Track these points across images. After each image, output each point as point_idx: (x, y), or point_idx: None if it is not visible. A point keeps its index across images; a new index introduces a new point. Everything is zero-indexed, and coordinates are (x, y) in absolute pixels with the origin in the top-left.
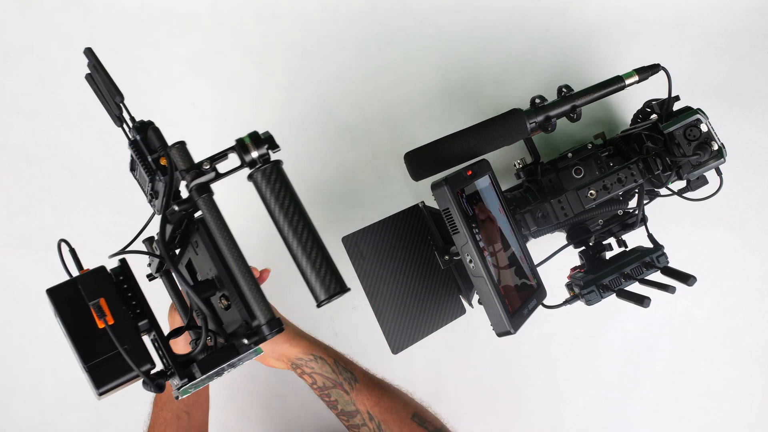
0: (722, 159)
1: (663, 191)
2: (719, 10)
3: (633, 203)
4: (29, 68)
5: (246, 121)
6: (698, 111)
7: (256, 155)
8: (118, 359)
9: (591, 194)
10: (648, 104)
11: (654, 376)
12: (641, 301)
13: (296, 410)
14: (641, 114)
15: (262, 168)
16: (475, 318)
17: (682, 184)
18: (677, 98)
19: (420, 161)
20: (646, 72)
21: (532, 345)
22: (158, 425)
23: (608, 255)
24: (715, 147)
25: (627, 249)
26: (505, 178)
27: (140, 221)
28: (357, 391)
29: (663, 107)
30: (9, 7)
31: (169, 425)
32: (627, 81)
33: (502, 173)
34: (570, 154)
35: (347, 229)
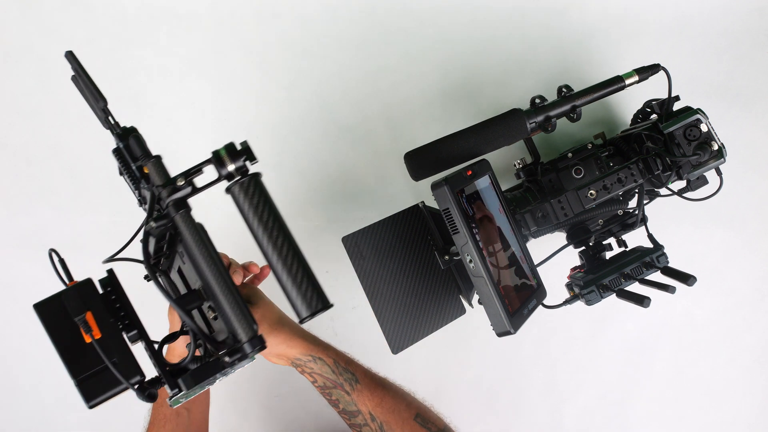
0: (722, 159)
1: (663, 191)
2: (719, 10)
3: (633, 203)
4: (29, 68)
5: (246, 121)
6: (698, 111)
7: (233, 168)
8: (107, 372)
9: (591, 194)
10: (648, 104)
11: (654, 376)
12: (641, 301)
13: (296, 410)
14: (641, 114)
15: (240, 181)
16: (475, 318)
17: (682, 184)
18: (677, 98)
19: (420, 161)
20: (646, 72)
21: (532, 345)
22: (158, 422)
23: (608, 255)
24: (715, 147)
25: (627, 249)
26: (505, 178)
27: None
28: (358, 392)
29: (663, 107)
30: (9, 7)
31: (169, 422)
32: (627, 81)
33: (502, 173)
34: (570, 154)
35: (347, 229)
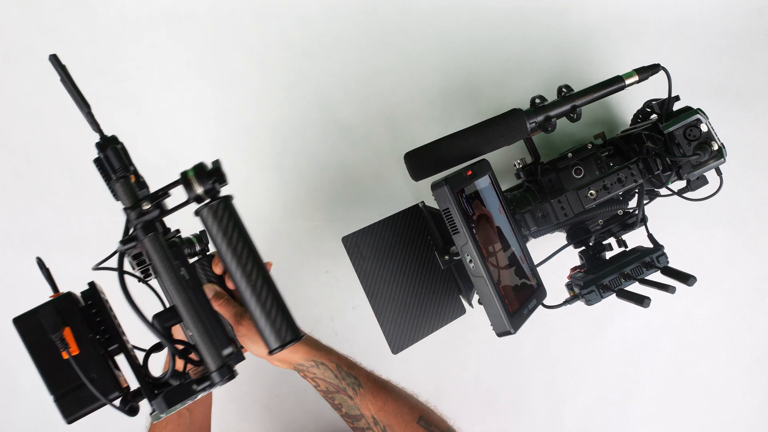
0: (722, 159)
1: (663, 191)
2: (719, 10)
3: (633, 203)
4: (29, 68)
5: (246, 121)
6: (698, 111)
7: (201, 191)
8: (86, 388)
9: (591, 194)
10: (648, 104)
11: (654, 376)
12: (641, 301)
13: (296, 410)
14: (641, 114)
15: (209, 204)
16: (475, 318)
17: (682, 184)
18: (677, 98)
19: (420, 161)
20: (646, 72)
21: (532, 345)
22: (160, 422)
23: (608, 255)
24: (715, 147)
25: (627, 249)
26: (505, 178)
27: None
28: (361, 396)
29: (663, 107)
30: (9, 7)
31: (171, 422)
32: (627, 81)
33: (502, 173)
34: (570, 154)
35: (347, 229)
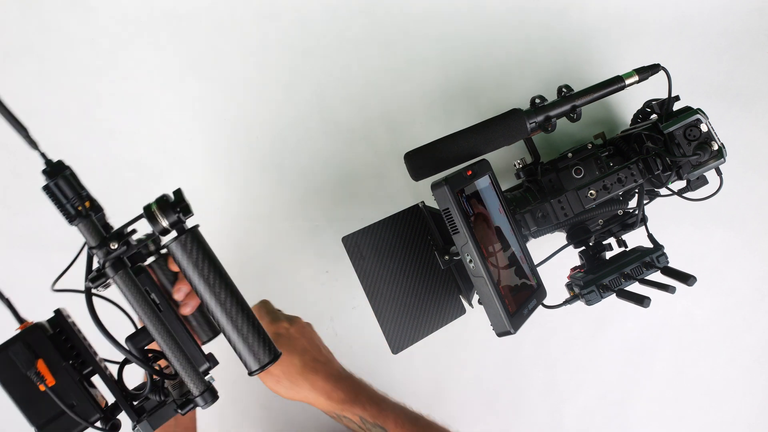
0: (722, 159)
1: (663, 191)
2: (719, 10)
3: (633, 203)
4: (29, 68)
5: (246, 121)
6: (698, 111)
7: (166, 224)
8: (67, 415)
9: (591, 194)
10: (648, 104)
11: (654, 376)
12: (641, 301)
13: (296, 410)
14: (641, 114)
15: (178, 239)
16: (475, 318)
17: (682, 184)
18: (677, 98)
19: (420, 161)
20: (646, 72)
21: (532, 345)
22: None
23: (608, 255)
24: (715, 147)
25: (627, 249)
26: (505, 178)
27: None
28: None
29: (663, 107)
30: (9, 7)
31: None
32: (627, 81)
33: (502, 173)
34: (570, 154)
35: (347, 229)
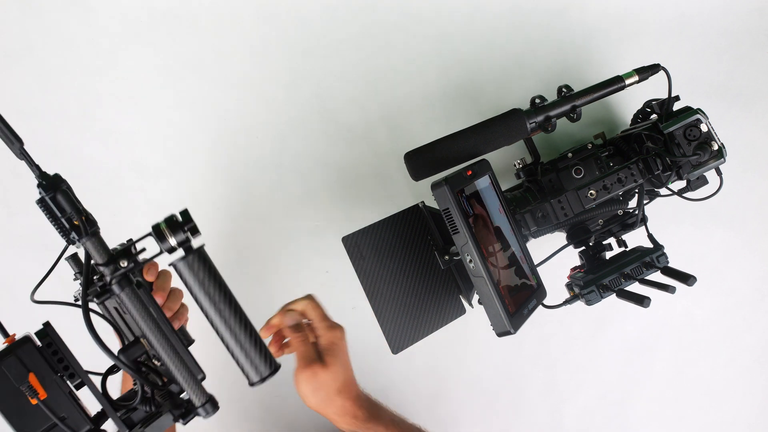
0: (722, 159)
1: (663, 191)
2: (719, 10)
3: (633, 203)
4: (29, 68)
5: (246, 121)
6: (698, 111)
7: (174, 243)
8: (59, 428)
9: (591, 194)
10: (648, 104)
11: (654, 376)
12: (641, 301)
13: (296, 410)
14: (641, 114)
15: (185, 258)
16: (475, 318)
17: (682, 184)
18: (677, 98)
19: (420, 161)
20: (646, 72)
21: (532, 345)
22: None
23: (608, 255)
24: (715, 147)
25: (627, 249)
26: (505, 178)
27: (140, 221)
28: None
29: (663, 107)
30: (9, 7)
31: None
32: (627, 81)
33: (502, 173)
34: (570, 154)
35: (347, 229)
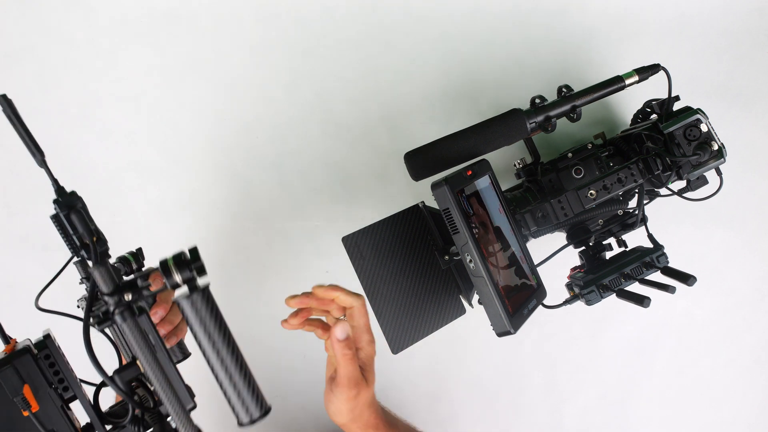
0: (722, 159)
1: (663, 191)
2: (719, 10)
3: (633, 203)
4: (29, 68)
5: (246, 121)
6: (698, 111)
7: (180, 280)
8: None
9: (591, 194)
10: (648, 104)
11: (654, 376)
12: (641, 301)
13: (296, 410)
14: (641, 114)
15: (190, 297)
16: (475, 318)
17: (682, 184)
18: (677, 98)
19: (420, 161)
20: (646, 72)
21: (532, 345)
22: None
23: (608, 255)
24: (715, 147)
25: (627, 249)
26: (505, 178)
27: (140, 221)
28: None
29: (663, 107)
30: (9, 7)
31: None
32: (627, 81)
33: (502, 173)
34: (570, 154)
35: (347, 229)
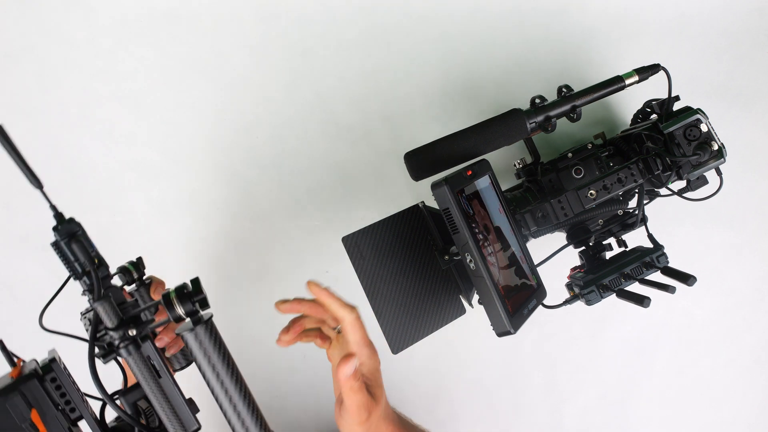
0: (722, 159)
1: (663, 191)
2: (719, 10)
3: (633, 203)
4: (29, 68)
5: (246, 122)
6: (698, 111)
7: (182, 313)
8: None
9: (591, 194)
10: (648, 104)
11: (654, 376)
12: (641, 301)
13: (296, 410)
14: (641, 114)
15: (194, 330)
16: (475, 318)
17: (682, 184)
18: (677, 98)
19: (420, 161)
20: (646, 72)
21: (532, 345)
22: None
23: (608, 255)
24: (715, 147)
25: (627, 249)
26: (505, 178)
27: (140, 221)
28: None
29: (663, 107)
30: (9, 7)
31: None
32: (627, 81)
33: (502, 173)
34: (570, 154)
35: (347, 229)
